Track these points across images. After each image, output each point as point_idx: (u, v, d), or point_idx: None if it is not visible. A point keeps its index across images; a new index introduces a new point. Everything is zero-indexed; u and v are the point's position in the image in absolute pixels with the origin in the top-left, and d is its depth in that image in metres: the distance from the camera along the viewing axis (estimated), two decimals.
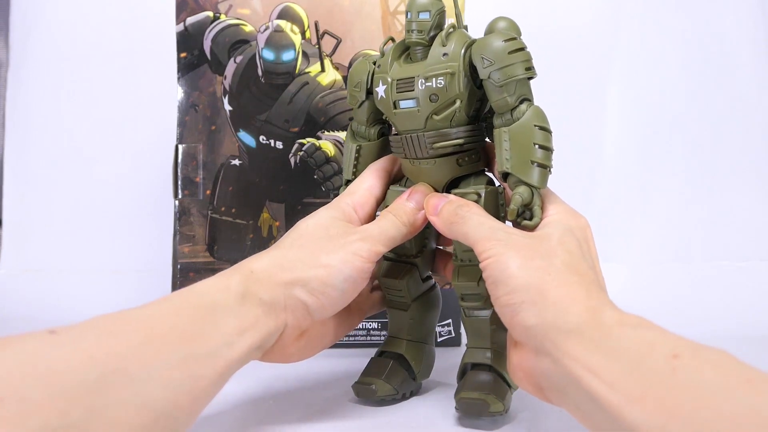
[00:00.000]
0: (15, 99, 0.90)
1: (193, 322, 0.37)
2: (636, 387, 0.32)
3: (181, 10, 0.70)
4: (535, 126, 0.44)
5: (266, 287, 0.41)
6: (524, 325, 0.38)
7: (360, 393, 0.51)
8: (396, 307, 0.53)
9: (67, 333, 0.33)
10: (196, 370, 0.36)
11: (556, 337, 0.36)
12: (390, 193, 0.51)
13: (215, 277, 0.42)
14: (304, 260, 0.43)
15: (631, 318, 0.36)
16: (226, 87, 0.70)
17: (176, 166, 0.70)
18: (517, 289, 0.39)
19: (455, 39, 0.46)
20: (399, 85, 0.47)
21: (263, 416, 0.48)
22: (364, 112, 0.52)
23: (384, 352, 0.53)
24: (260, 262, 0.43)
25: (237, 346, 0.39)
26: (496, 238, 0.41)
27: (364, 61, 0.51)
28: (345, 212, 0.47)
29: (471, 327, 0.49)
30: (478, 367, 0.48)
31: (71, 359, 0.32)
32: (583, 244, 0.42)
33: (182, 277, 0.70)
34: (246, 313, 0.39)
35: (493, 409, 0.45)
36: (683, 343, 0.33)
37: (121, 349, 0.33)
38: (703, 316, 0.80)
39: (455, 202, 0.45)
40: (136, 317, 0.36)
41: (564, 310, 0.37)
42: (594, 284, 0.39)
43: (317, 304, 0.43)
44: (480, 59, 0.45)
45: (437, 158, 0.48)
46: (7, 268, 0.88)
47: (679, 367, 0.32)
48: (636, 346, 0.34)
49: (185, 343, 0.36)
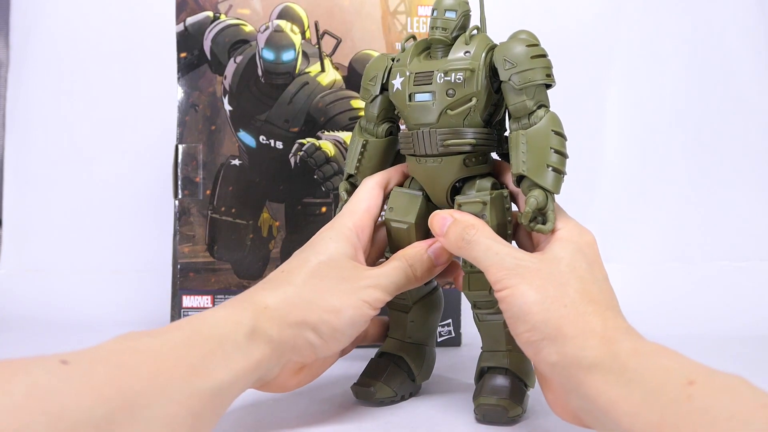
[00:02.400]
0: (15, 99, 0.90)
1: (203, 357, 0.37)
2: (654, 415, 0.33)
3: (181, 10, 0.70)
4: (552, 131, 0.45)
5: (277, 326, 0.41)
6: (547, 362, 0.39)
7: (358, 395, 0.51)
8: (397, 309, 0.53)
9: (79, 364, 0.33)
10: (199, 407, 0.36)
11: (577, 373, 0.37)
12: (394, 195, 0.51)
13: (228, 306, 0.42)
14: (318, 302, 0.43)
15: (646, 345, 0.37)
16: (226, 87, 0.70)
17: (176, 166, 0.70)
18: (536, 327, 0.40)
19: (478, 40, 0.47)
20: (417, 78, 0.47)
21: (263, 416, 0.48)
22: (376, 108, 0.52)
23: (384, 353, 0.53)
24: (274, 298, 0.43)
25: (240, 384, 0.39)
26: (507, 267, 0.42)
27: (382, 57, 0.52)
28: (352, 244, 0.47)
29: (486, 331, 0.49)
30: (494, 370, 0.48)
31: (80, 395, 0.31)
32: (593, 263, 0.43)
33: (182, 277, 0.70)
34: (254, 351, 0.40)
35: (511, 414, 0.46)
36: (698, 369, 0.34)
37: (130, 386, 0.33)
38: (703, 316, 0.80)
39: (461, 223, 0.45)
40: (147, 347, 0.36)
41: (582, 346, 0.38)
42: (609, 310, 0.40)
43: (324, 347, 0.44)
44: (502, 61, 0.45)
45: (445, 156, 0.48)
46: (7, 268, 0.88)
47: (694, 394, 0.32)
48: (652, 374, 0.35)
49: (191, 377, 0.36)
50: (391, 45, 0.70)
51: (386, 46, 0.70)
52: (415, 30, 0.69)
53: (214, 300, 0.70)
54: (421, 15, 0.69)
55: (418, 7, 0.69)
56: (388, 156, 0.53)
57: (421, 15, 0.69)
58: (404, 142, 0.49)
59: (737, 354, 0.70)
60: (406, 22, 0.69)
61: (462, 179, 0.49)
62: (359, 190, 0.50)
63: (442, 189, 0.49)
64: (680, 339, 0.76)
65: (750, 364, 0.65)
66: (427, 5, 0.69)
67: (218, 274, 0.70)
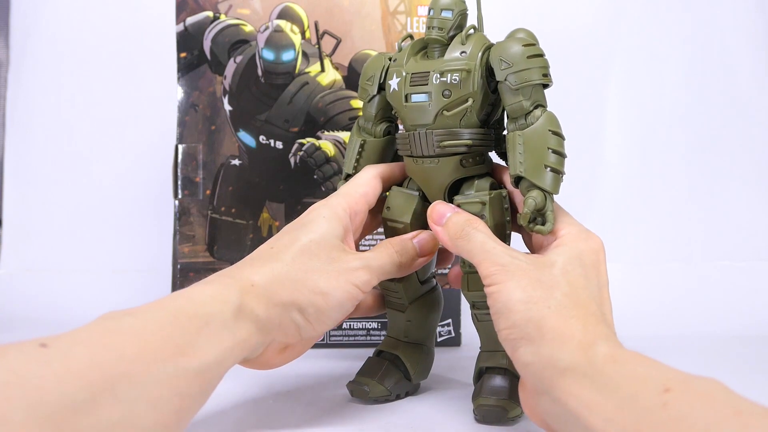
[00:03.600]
0: (15, 99, 0.90)
1: (188, 335, 0.36)
2: (629, 423, 0.33)
3: (181, 10, 0.70)
4: (549, 131, 0.44)
5: (264, 305, 0.41)
6: (522, 362, 0.39)
7: (354, 393, 0.51)
8: (394, 308, 0.53)
9: (59, 346, 0.32)
10: (185, 387, 0.35)
11: (551, 376, 0.37)
12: (392, 194, 0.51)
13: (213, 283, 0.41)
14: (305, 283, 0.43)
15: (624, 353, 0.36)
16: (226, 87, 0.70)
17: (176, 166, 0.70)
18: (516, 324, 0.39)
19: (474, 40, 0.47)
20: (413, 79, 0.47)
21: (263, 416, 0.48)
22: (373, 107, 0.52)
23: (381, 351, 0.53)
24: (261, 275, 0.42)
25: (227, 363, 0.39)
26: (500, 263, 0.41)
27: (380, 56, 0.52)
28: (344, 226, 0.47)
29: (484, 331, 0.49)
30: (493, 370, 0.48)
31: (61, 379, 0.30)
32: (590, 270, 0.42)
33: (182, 277, 0.70)
34: (240, 330, 0.39)
35: (511, 414, 0.46)
36: (674, 376, 0.34)
37: (113, 367, 0.32)
38: (703, 316, 0.80)
39: (463, 215, 0.45)
40: (130, 326, 0.35)
41: (558, 348, 0.37)
42: (593, 316, 0.39)
43: (309, 328, 0.44)
44: (498, 61, 0.45)
45: (441, 157, 0.48)
46: (8, 268, 0.88)
47: (670, 401, 0.32)
48: (628, 381, 0.34)
49: (177, 357, 0.35)
50: (391, 45, 0.70)
51: (386, 46, 0.70)
52: (415, 30, 0.69)
53: None
54: (420, 15, 0.69)
55: (417, 7, 0.69)
56: (387, 155, 0.53)
57: (420, 15, 0.69)
58: (401, 143, 0.50)
59: (737, 354, 0.70)
60: (405, 22, 0.69)
61: (460, 179, 0.49)
62: (359, 175, 0.51)
63: (439, 189, 0.49)
64: (680, 339, 0.76)
65: (750, 364, 0.65)
66: (426, 5, 0.69)
67: None
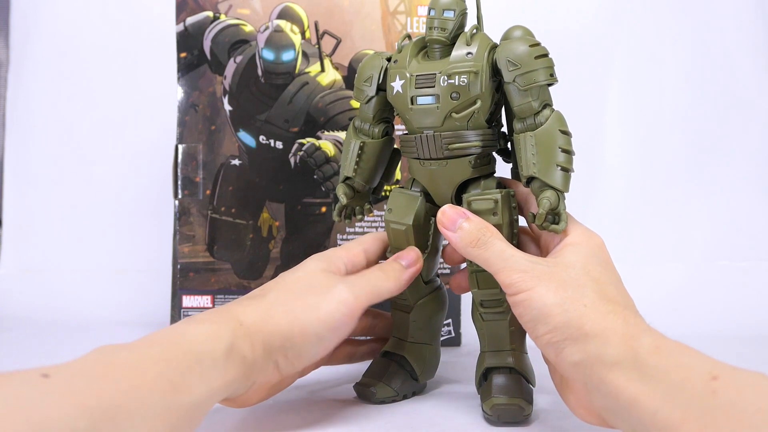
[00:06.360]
0: (15, 99, 0.90)
1: (181, 372, 0.37)
2: (677, 411, 0.33)
3: (181, 10, 0.70)
4: (559, 130, 0.45)
5: (250, 347, 0.42)
6: (569, 362, 0.40)
7: (360, 394, 0.51)
8: (399, 309, 0.53)
9: (60, 377, 0.33)
10: (176, 421, 0.36)
11: (600, 371, 0.38)
12: (393, 196, 0.51)
13: (207, 321, 0.42)
14: (284, 313, 0.43)
15: (668, 343, 0.37)
16: (226, 87, 0.70)
17: (176, 166, 0.70)
18: (557, 327, 0.40)
19: (479, 40, 0.47)
20: (418, 81, 0.47)
21: (263, 416, 0.48)
22: (371, 109, 0.51)
23: (387, 352, 0.53)
24: (247, 315, 0.43)
25: (214, 399, 0.40)
26: (522, 270, 0.42)
27: (375, 56, 0.51)
28: (335, 264, 0.47)
29: (489, 331, 0.48)
30: (499, 369, 0.48)
31: (63, 406, 0.31)
32: (607, 266, 0.43)
33: (182, 277, 0.70)
34: (230, 369, 0.40)
35: (527, 412, 0.46)
36: (721, 366, 0.34)
37: (111, 398, 0.33)
38: (703, 316, 0.80)
39: (477, 223, 0.45)
40: (127, 360, 0.36)
41: (604, 344, 0.38)
42: (627, 309, 0.40)
43: (290, 367, 0.44)
44: (506, 62, 0.45)
45: (450, 159, 0.47)
46: (7, 268, 0.88)
47: (718, 389, 0.33)
48: (674, 370, 0.35)
49: (171, 393, 0.36)
50: (391, 45, 0.70)
51: (386, 46, 0.70)
52: (415, 30, 0.69)
53: (214, 300, 0.70)
54: (420, 15, 0.69)
55: (417, 7, 0.69)
56: (385, 156, 0.53)
57: (420, 15, 0.69)
58: (406, 146, 0.49)
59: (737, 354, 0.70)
60: (405, 22, 0.69)
61: (465, 181, 0.48)
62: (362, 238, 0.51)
63: (447, 190, 0.49)
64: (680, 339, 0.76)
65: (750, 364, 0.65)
66: (426, 5, 0.69)
67: (218, 274, 0.70)
